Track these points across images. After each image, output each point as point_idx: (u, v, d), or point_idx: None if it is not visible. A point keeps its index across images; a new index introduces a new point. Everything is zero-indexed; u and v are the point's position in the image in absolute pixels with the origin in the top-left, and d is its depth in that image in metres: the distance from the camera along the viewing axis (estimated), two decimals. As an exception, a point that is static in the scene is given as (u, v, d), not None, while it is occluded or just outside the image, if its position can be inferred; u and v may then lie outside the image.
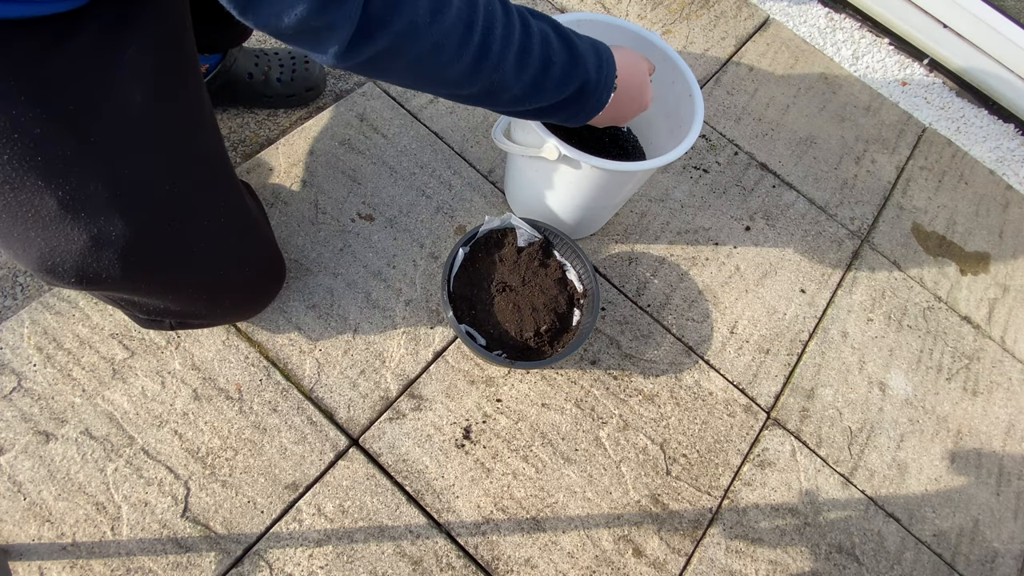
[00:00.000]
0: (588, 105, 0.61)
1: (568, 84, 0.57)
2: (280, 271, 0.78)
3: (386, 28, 0.42)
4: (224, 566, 0.70)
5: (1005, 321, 1.12)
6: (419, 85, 0.51)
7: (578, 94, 0.58)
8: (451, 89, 0.52)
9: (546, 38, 0.54)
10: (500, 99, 0.55)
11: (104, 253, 0.52)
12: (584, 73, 0.58)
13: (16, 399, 0.73)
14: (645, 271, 0.99)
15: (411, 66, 0.47)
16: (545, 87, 0.55)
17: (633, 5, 1.30)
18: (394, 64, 0.46)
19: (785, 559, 0.83)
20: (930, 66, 1.44)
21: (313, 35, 0.42)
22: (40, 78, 0.47)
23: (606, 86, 0.61)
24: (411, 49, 0.45)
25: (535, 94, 0.55)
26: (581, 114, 0.62)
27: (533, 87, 0.54)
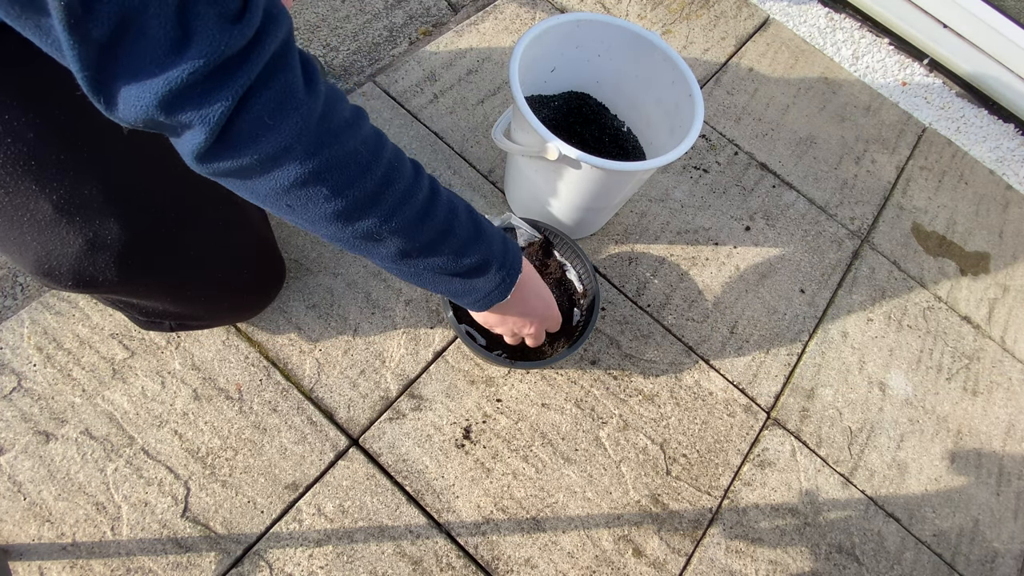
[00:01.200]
0: (490, 285, 0.55)
1: (468, 254, 0.52)
2: (279, 272, 0.78)
3: (255, 146, 0.36)
4: (224, 566, 0.69)
5: (1005, 321, 1.12)
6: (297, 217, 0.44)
7: (482, 267, 0.54)
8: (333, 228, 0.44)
9: (453, 209, 0.51)
10: (387, 249, 0.48)
11: (100, 256, 0.52)
12: (487, 249, 0.53)
13: (16, 399, 0.73)
14: (645, 271, 0.99)
15: (285, 193, 0.40)
16: (442, 249, 0.50)
17: (633, 5, 1.30)
18: (263, 186, 0.40)
19: (785, 559, 0.83)
20: (930, 66, 1.44)
21: (169, 130, 0.36)
22: (33, 83, 0.47)
23: (511, 268, 0.56)
24: (284, 175, 0.39)
25: (430, 252, 0.50)
26: (480, 293, 0.56)
27: (429, 245, 0.49)
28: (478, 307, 0.58)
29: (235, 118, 0.35)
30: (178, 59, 0.32)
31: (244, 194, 0.42)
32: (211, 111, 0.34)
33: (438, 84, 1.07)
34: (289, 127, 0.37)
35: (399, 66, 1.07)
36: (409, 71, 1.07)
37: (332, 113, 0.41)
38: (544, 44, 0.82)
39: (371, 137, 0.44)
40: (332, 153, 0.40)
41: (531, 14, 1.20)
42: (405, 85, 1.05)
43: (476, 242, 0.53)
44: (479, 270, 0.54)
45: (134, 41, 0.31)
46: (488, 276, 0.55)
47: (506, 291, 0.57)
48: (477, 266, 0.54)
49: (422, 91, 1.06)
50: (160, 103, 0.33)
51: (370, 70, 1.10)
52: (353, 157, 0.42)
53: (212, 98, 0.34)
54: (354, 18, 1.16)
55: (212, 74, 0.33)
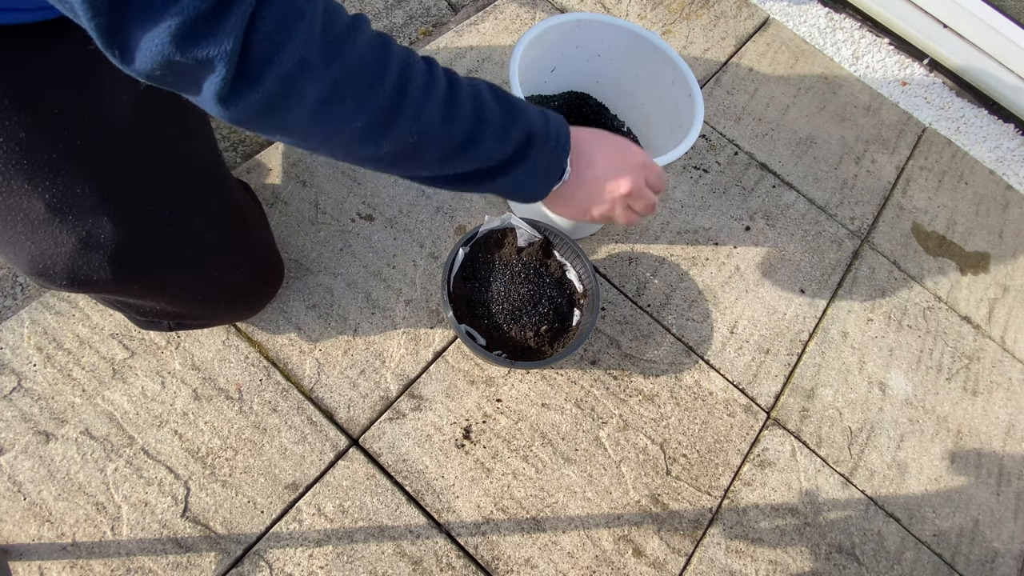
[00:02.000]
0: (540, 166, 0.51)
1: (508, 137, 0.49)
2: (277, 272, 0.78)
3: (271, 65, 0.36)
4: (224, 566, 0.69)
5: (1005, 321, 1.12)
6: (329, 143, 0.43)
7: (525, 149, 0.50)
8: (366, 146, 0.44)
9: (477, 92, 0.48)
10: (427, 157, 0.46)
11: (94, 255, 0.52)
12: (526, 124, 0.50)
13: (16, 399, 0.73)
14: (645, 271, 0.99)
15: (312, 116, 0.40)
16: (481, 141, 0.47)
17: (633, 5, 1.30)
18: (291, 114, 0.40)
19: (785, 559, 0.83)
20: (930, 66, 1.44)
21: (187, 75, 0.36)
22: (24, 82, 0.47)
23: (559, 143, 0.52)
24: (306, 93, 0.39)
25: (470, 149, 0.47)
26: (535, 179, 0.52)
27: (466, 141, 0.47)
28: (543, 192, 0.53)
29: (247, 43, 0.35)
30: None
31: (279, 135, 0.42)
32: (225, 39, 0.34)
33: (438, 84, 1.07)
34: (298, 38, 0.37)
35: (399, 66, 1.07)
36: (409, 71, 1.07)
37: (334, 18, 0.40)
38: (544, 44, 0.82)
39: (376, 38, 0.43)
40: (345, 61, 0.40)
41: (531, 14, 1.20)
42: (405, 85, 1.05)
43: (512, 122, 0.49)
44: (525, 150, 0.50)
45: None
46: (536, 152, 0.50)
47: (562, 163, 0.52)
48: (522, 145, 0.49)
49: (422, 91, 1.05)
50: (175, 40, 0.33)
51: (370, 70, 1.10)
52: (365, 60, 0.41)
53: (224, 26, 0.34)
54: (354, 18, 1.16)
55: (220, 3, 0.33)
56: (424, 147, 0.46)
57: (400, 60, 0.43)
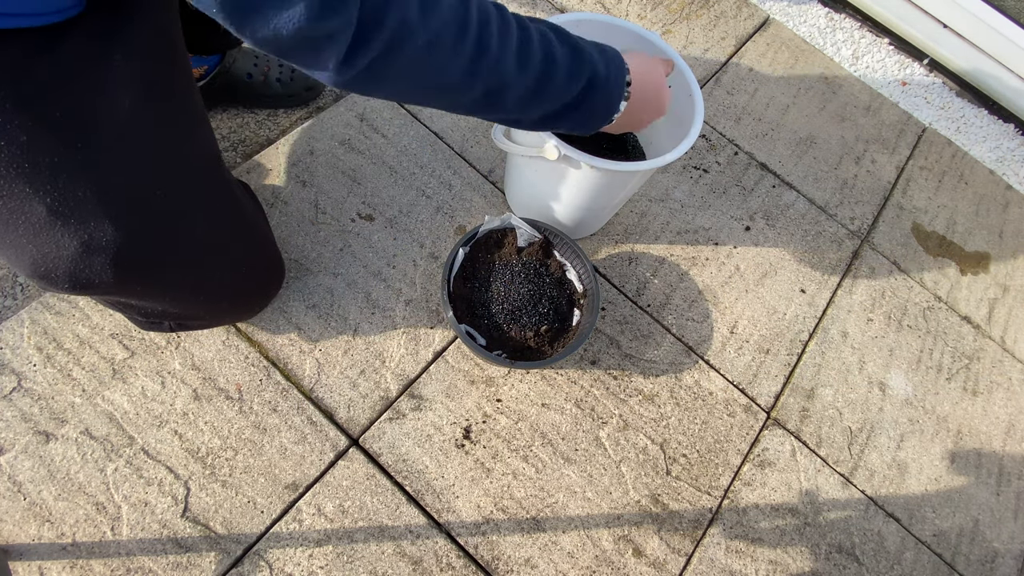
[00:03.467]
0: (601, 104, 0.58)
1: (576, 79, 0.54)
2: (278, 272, 0.78)
3: (380, 28, 0.41)
4: (224, 566, 0.70)
5: (1005, 321, 1.12)
6: (420, 94, 0.49)
7: (589, 90, 0.56)
8: (452, 95, 0.50)
9: (545, 36, 0.53)
10: (505, 102, 0.52)
11: (95, 258, 0.52)
12: (591, 67, 0.55)
13: (16, 399, 0.73)
14: (645, 271, 0.99)
15: (409, 69, 0.46)
16: (551, 84, 0.53)
17: (633, 5, 1.30)
18: (392, 69, 0.45)
19: (785, 559, 0.83)
20: (930, 66, 1.44)
21: (312, 46, 0.41)
22: (25, 85, 0.47)
23: (617, 83, 0.58)
24: (406, 49, 0.44)
25: (542, 93, 0.53)
26: (596, 116, 0.59)
27: (539, 85, 0.52)
28: (603, 124, 0.60)
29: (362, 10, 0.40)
30: None
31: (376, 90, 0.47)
32: (349, 12, 0.39)
33: (438, 84, 1.07)
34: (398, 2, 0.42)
35: (399, 66, 1.07)
36: (409, 71, 1.07)
37: None
38: (544, 44, 0.81)
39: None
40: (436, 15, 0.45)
41: (531, 14, 1.20)
42: (405, 85, 1.05)
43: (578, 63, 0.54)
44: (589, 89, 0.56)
45: None
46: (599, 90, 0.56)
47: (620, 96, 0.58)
48: (587, 85, 0.55)
49: (422, 91, 1.06)
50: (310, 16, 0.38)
51: (370, 70, 1.10)
52: (451, 13, 0.46)
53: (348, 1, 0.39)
54: (354, 18, 1.16)
55: None
56: (502, 93, 0.51)
57: (478, 11, 0.48)
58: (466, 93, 0.50)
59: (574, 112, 0.57)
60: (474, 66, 0.48)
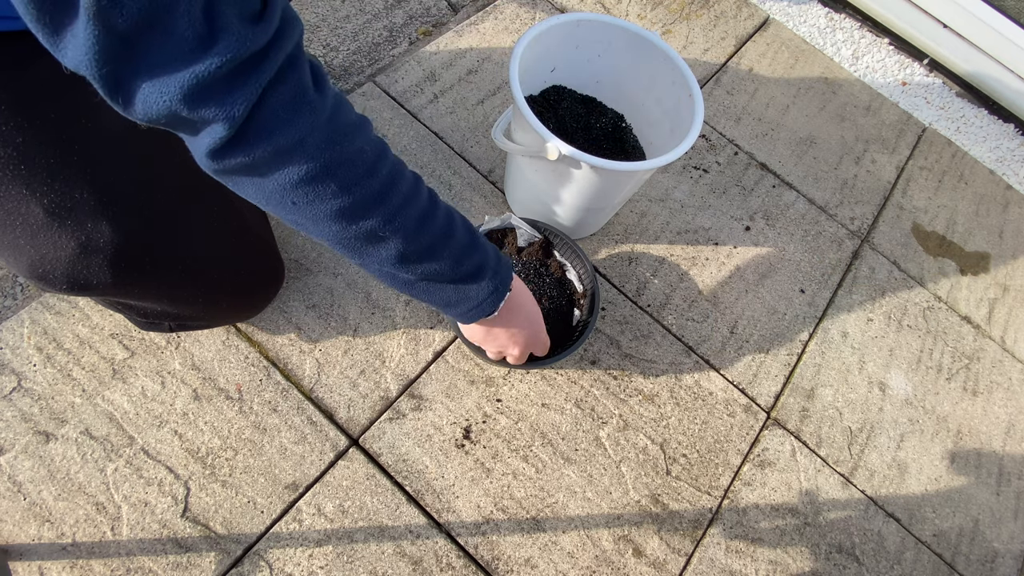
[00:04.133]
0: (484, 293, 0.55)
1: (465, 261, 0.53)
2: (277, 273, 0.78)
3: (270, 139, 0.37)
4: (224, 566, 0.69)
5: (1005, 321, 1.12)
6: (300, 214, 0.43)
7: (476, 275, 0.54)
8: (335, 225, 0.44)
9: (451, 216, 0.52)
10: (388, 253, 0.48)
11: (93, 259, 0.52)
12: (483, 257, 0.54)
13: (16, 399, 0.73)
14: (645, 271, 0.99)
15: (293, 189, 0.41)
16: (441, 254, 0.50)
17: (633, 5, 1.30)
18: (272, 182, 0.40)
19: (785, 559, 0.83)
20: (930, 66, 1.44)
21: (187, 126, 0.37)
22: (21, 87, 0.47)
23: (504, 280, 0.57)
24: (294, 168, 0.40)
25: (429, 257, 0.50)
26: (473, 301, 0.56)
27: (429, 250, 0.49)
28: (469, 317, 0.58)
29: (253, 113, 0.36)
30: (204, 55, 0.33)
31: (248, 192, 0.42)
32: (234, 106, 0.35)
33: (438, 84, 1.07)
34: (302, 122, 0.38)
35: (399, 66, 1.07)
36: (409, 71, 1.07)
37: (340, 113, 0.42)
38: (544, 44, 0.82)
39: (376, 141, 0.45)
40: (341, 150, 0.41)
41: (531, 14, 1.20)
42: (405, 85, 1.05)
43: (472, 249, 0.53)
44: (473, 277, 0.54)
45: (160, 36, 0.32)
46: (482, 284, 0.55)
47: (498, 301, 0.57)
48: (472, 273, 0.54)
49: (422, 91, 1.06)
50: (185, 97, 0.33)
51: (370, 70, 1.10)
52: (360, 156, 0.43)
53: (235, 94, 0.35)
54: (354, 18, 1.16)
55: (236, 70, 0.34)
56: (389, 243, 0.47)
57: (392, 167, 0.46)
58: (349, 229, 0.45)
59: (453, 289, 0.54)
60: (369, 208, 0.44)
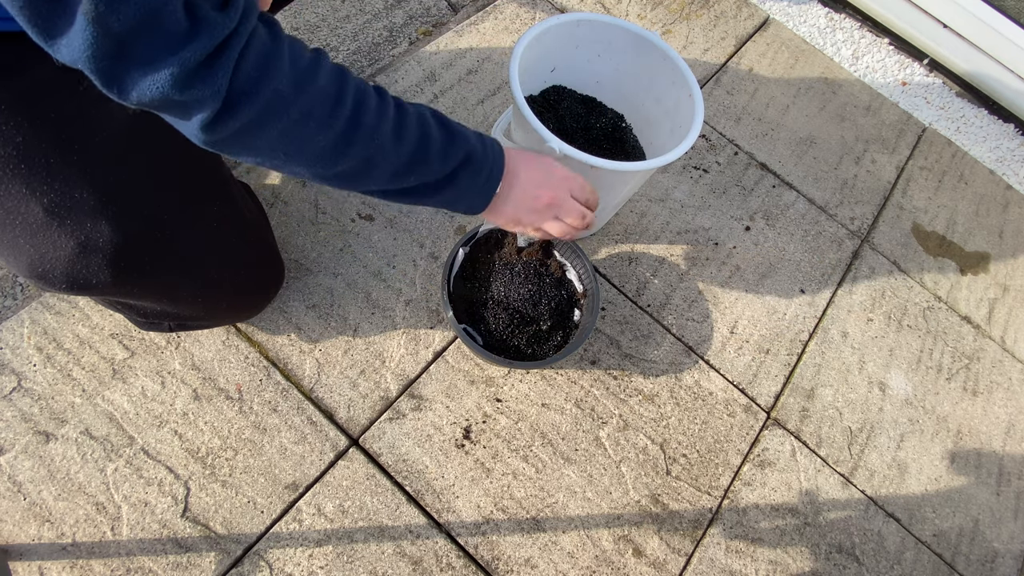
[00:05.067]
0: (479, 181, 0.57)
1: (451, 155, 0.54)
2: (278, 273, 0.78)
3: (250, 100, 0.41)
4: (224, 566, 0.69)
5: (1005, 321, 1.12)
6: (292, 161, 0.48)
7: (465, 165, 0.56)
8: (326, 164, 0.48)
9: (423, 116, 0.53)
10: (379, 173, 0.51)
11: (93, 259, 0.52)
12: (466, 144, 0.56)
13: (16, 399, 0.73)
14: (645, 271, 0.99)
15: (279, 140, 0.45)
16: (427, 158, 0.53)
17: (633, 5, 1.30)
18: (260, 139, 0.44)
19: (785, 559, 0.83)
20: (930, 66, 1.44)
21: (179, 108, 0.40)
22: (21, 87, 0.47)
23: (495, 162, 0.58)
24: (277, 121, 0.44)
25: (417, 165, 0.52)
26: (473, 192, 0.58)
27: (414, 158, 0.52)
28: (480, 205, 0.59)
29: (232, 81, 0.40)
30: (188, 45, 0.37)
31: (244, 155, 0.46)
32: (216, 81, 0.39)
33: (438, 84, 1.07)
34: (272, 74, 0.42)
35: (399, 66, 1.07)
36: (409, 71, 1.07)
37: (298, 54, 0.45)
38: (544, 44, 0.82)
39: (334, 69, 0.48)
40: (310, 91, 0.45)
41: (531, 14, 1.20)
42: (405, 85, 1.05)
43: (452, 143, 0.55)
44: (465, 166, 0.56)
45: (150, 34, 0.36)
46: (475, 169, 0.56)
47: (497, 177, 0.58)
48: (462, 162, 0.55)
49: (422, 91, 1.06)
50: (175, 83, 0.38)
51: (370, 70, 1.10)
52: (327, 89, 0.46)
53: (217, 70, 0.39)
54: (354, 18, 1.16)
55: (214, 52, 0.39)
56: (377, 164, 0.50)
57: (355, 89, 0.48)
58: (340, 161, 0.49)
59: (451, 186, 0.56)
60: (346, 140, 0.48)
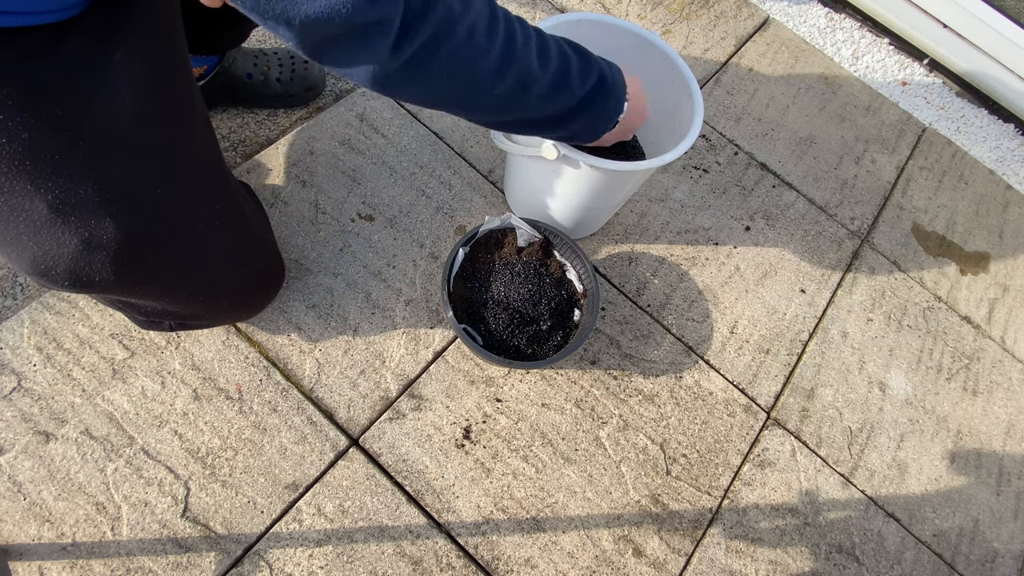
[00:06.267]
0: (610, 102, 0.61)
1: (587, 78, 0.58)
2: (278, 273, 0.78)
3: (426, 17, 0.43)
4: (224, 566, 0.70)
5: (1005, 321, 1.12)
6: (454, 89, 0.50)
7: (600, 88, 0.59)
8: (484, 88, 0.51)
9: (556, 38, 0.57)
10: (529, 97, 0.54)
11: (96, 256, 0.52)
12: (599, 69, 0.59)
13: (16, 399, 0.73)
14: (645, 271, 0.99)
15: (450, 59, 0.47)
16: (569, 79, 0.56)
17: (633, 5, 1.30)
18: (435, 60, 0.46)
19: (785, 559, 0.83)
20: (930, 66, 1.44)
21: (362, 34, 0.41)
22: (28, 83, 0.48)
23: (620, 85, 0.62)
24: (450, 38, 0.46)
25: (562, 87, 0.56)
26: (604, 116, 0.62)
27: (558, 79, 0.55)
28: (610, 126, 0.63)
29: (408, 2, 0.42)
30: None
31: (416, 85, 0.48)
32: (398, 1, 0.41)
33: (438, 84, 1.07)
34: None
35: (399, 66, 1.07)
36: (409, 71, 1.07)
37: None
38: (544, 44, 0.81)
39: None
40: (473, 4, 0.47)
41: (531, 14, 1.20)
42: (405, 85, 1.05)
43: (588, 63, 0.58)
44: (598, 88, 0.59)
45: None
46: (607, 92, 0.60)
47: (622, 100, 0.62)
48: (596, 84, 0.59)
49: (422, 91, 1.05)
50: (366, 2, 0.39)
51: (370, 70, 1.10)
52: (484, 6, 0.49)
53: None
54: (354, 18, 1.16)
55: None
56: (529, 86, 0.53)
57: (502, 11, 0.52)
58: (497, 85, 0.51)
59: (586, 111, 0.60)
60: (505, 56, 0.50)
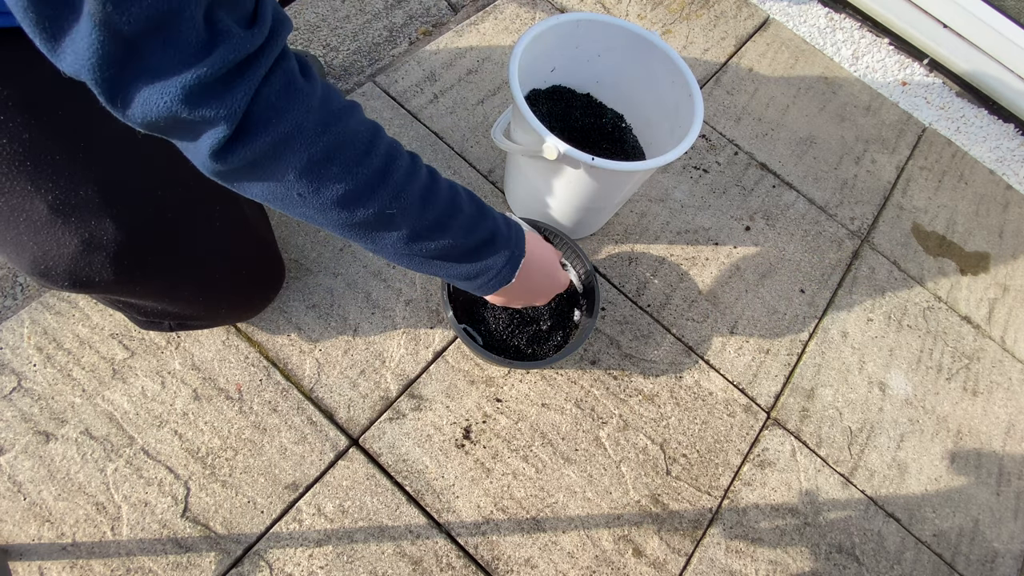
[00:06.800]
0: (500, 262, 0.55)
1: (476, 231, 0.52)
2: (278, 274, 0.78)
3: (268, 129, 0.38)
4: (224, 566, 0.70)
5: (1005, 321, 1.12)
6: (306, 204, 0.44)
7: (490, 244, 0.54)
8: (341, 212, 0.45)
9: (454, 188, 0.52)
10: (398, 233, 0.48)
11: (96, 256, 0.52)
12: (493, 224, 0.54)
13: (16, 399, 0.73)
14: (645, 271, 0.99)
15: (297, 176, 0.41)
16: (451, 227, 0.50)
17: (633, 5, 1.30)
18: (275, 174, 0.41)
19: (785, 559, 0.83)
20: (930, 66, 1.44)
21: (187, 129, 0.37)
22: (29, 84, 0.48)
23: (518, 244, 0.57)
24: (296, 156, 0.40)
25: (439, 232, 0.50)
26: (492, 272, 0.56)
27: (437, 225, 0.50)
28: (489, 288, 0.58)
29: (250, 107, 0.37)
30: (205, 58, 0.34)
31: (254, 191, 0.43)
32: (233, 103, 0.36)
33: (438, 84, 1.07)
34: (296, 108, 0.39)
35: (399, 66, 1.07)
36: (409, 71, 1.07)
37: (331, 97, 0.42)
38: (544, 44, 0.82)
39: (368, 122, 0.46)
40: (337, 132, 0.42)
41: (531, 14, 1.20)
42: (405, 85, 1.05)
43: (481, 220, 0.53)
44: (487, 247, 0.54)
45: (164, 42, 0.32)
46: (497, 254, 0.55)
47: (514, 268, 0.57)
48: (484, 243, 0.54)
49: (422, 91, 1.06)
50: (186, 98, 0.34)
51: (370, 70, 1.10)
52: (356, 136, 0.43)
53: (234, 91, 0.35)
54: (354, 18, 1.16)
55: (234, 70, 0.35)
56: (398, 222, 0.47)
57: (388, 145, 0.46)
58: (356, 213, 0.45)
59: (473, 260, 0.54)
60: (370, 190, 0.44)
